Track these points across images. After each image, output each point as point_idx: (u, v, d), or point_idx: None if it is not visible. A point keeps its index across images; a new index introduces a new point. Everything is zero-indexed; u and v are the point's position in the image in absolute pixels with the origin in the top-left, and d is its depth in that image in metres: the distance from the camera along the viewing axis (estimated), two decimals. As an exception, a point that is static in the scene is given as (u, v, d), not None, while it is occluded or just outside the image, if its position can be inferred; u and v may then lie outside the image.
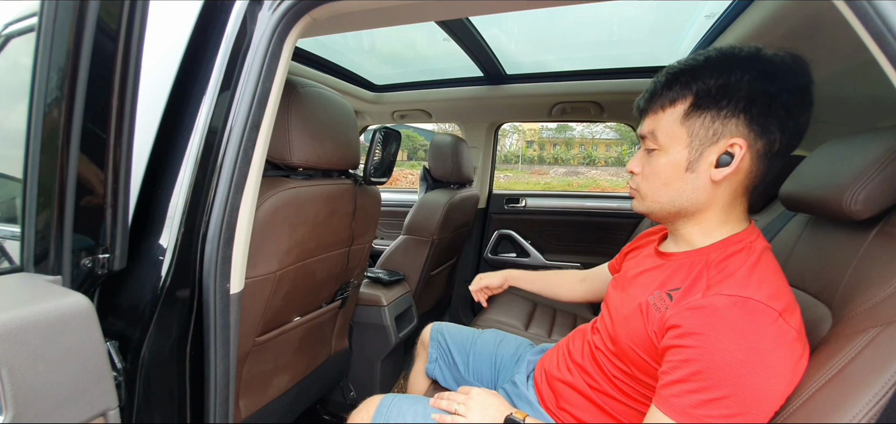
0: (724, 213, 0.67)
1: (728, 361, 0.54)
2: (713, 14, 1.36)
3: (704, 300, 0.59)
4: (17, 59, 1.18)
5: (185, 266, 0.70)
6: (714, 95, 0.62)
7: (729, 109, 0.62)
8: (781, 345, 0.55)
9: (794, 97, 0.61)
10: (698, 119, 0.64)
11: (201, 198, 0.71)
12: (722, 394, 0.54)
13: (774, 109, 0.60)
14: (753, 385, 0.53)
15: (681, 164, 0.66)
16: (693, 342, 0.57)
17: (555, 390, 0.88)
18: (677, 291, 0.65)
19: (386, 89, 2.33)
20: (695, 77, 0.64)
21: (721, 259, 0.64)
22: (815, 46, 0.98)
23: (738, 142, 0.62)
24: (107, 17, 0.52)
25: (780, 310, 0.56)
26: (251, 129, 0.71)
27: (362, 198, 1.27)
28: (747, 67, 0.62)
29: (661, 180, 0.68)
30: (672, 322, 0.61)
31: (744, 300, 0.56)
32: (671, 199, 0.68)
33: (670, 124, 0.66)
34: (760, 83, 0.60)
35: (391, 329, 1.63)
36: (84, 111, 0.52)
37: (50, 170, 0.52)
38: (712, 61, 0.64)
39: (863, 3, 0.48)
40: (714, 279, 0.61)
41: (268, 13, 0.71)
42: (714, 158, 0.63)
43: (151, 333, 0.69)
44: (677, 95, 0.65)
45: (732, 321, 0.55)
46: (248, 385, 1.13)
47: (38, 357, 0.45)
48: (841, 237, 0.73)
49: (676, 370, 0.58)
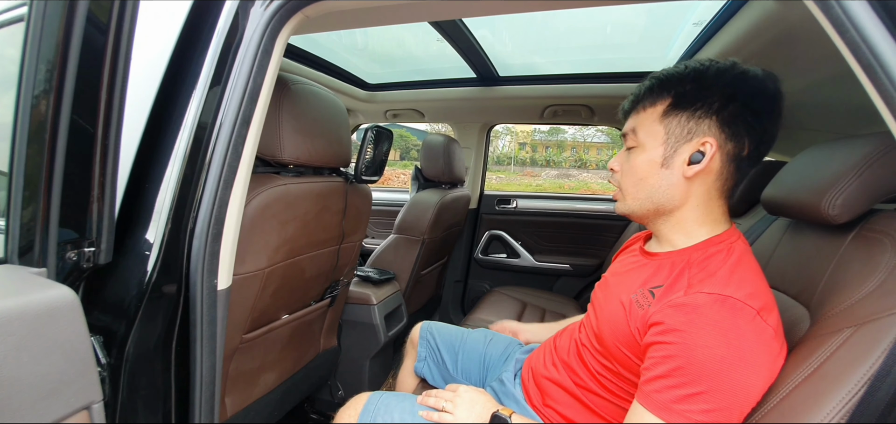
0: (702, 213, 0.70)
1: (708, 357, 0.56)
2: (701, 21, 1.39)
3: (686, 298, 0.61)
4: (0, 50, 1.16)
5: (171, 261, 0.70)
6: (691, 98, 0.68)
7: (703, 109, 0.67)
8: (759, 342, 0.57)
9: (763, 106, 0.66)
10: (675, 118, 0.69)
11: (189, 193, 0.70)
12: (701, 389, 0.56)
13: (744, 115, 0.66)
14: (732, 380, 0.55)
15: (657, 160, 0.71)
16: (674, 338, 0.59)
17: (541, 387, 0.89)
18: (659, 288, 0.67)
19: (379, 88, 2.33)
20: (678, 80, 0.70)
21: (702, 259, 0.67)
22: (798, 55, 1.00)
23: (709, 141, 0.66)
24: (97, 11, 0.51)
25: (758, 308, 0.58)
26: (241, 124, 0.71)
27: (353, 196, 1.27)
28: (722, 74, 0.68)
29: (638, 176, 0.73)
30: (654, 319, 0.63)
31: (723, 297, 0.58)
32: (648, 194, 0.72)
33: (650, 122, 0.72)
34: (733, 90, 0.66)
35: (380, 328, 1.63)
36: (72, 104, 0.51)
37: (36, 162, 0.51)
38: (692, 69, 0.70)
39: (839, 13, 0.49)
40: (695, 277, 0.64)
41: (260, 9, 0.71)
42: (687, 155, 0.68)
43: (136, 328, 0.68)
44: (658, 96, 0.71)
45: (712, 318, 0.57)
46: (235, 382, 1.12)
47: (22, 348, 0.44)
48: (819, 241, 0.75)
49: (658, 366, 0.60)
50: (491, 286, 2.51)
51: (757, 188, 1.09)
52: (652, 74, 0.74)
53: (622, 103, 0.79)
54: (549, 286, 2.48)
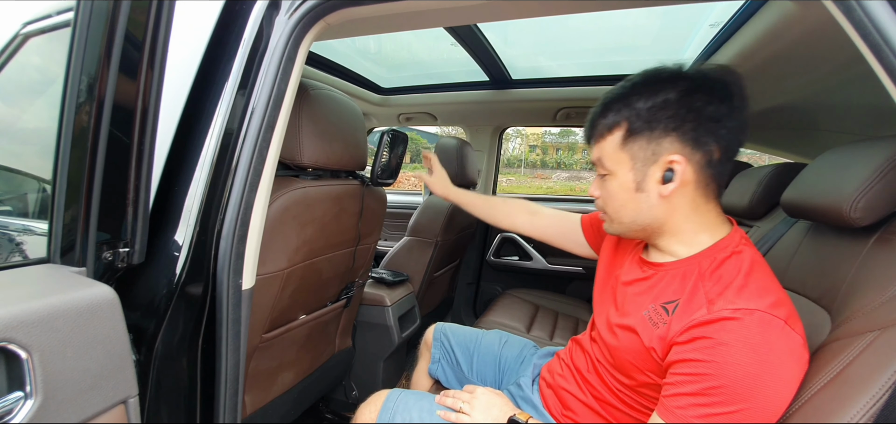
0: (695, 222, 0.68)
1: (741, 374, 0.54)
2: (718, 23, 1.38)
3: (710, 315, 0.59)
4: (27, 59, 1.21)
5: (199, 262, 0.72)
6: (645, 118, 0.65)
7: (661, 129, 0.65)
8: (791, 355, 0.56)
9: (720, 108, 0.63)
10: (636, 143, 0.67)
11: (216, 195, 0.73)
12: (734, 408, 0.55)
13: (703, 122, 0.63)
14: (765, 396, 0.54)
15: (630, 186, 0.69)
16: (703, 356, 0.57)
17: (560, 398, 0.89)
18: (673, 304, 0.65)
19: (392, 92, 2.36)
20: (626, 102, 0.67)
21: (713, 269, 0.64)
22: (818, 56, 0.99)
23: (675, 158, 0.64)
24: (133, 28, 0.54)
25: (785, 318, 0.57)
26: (266, 129, 0.73)
27: (369, 199, 1.29)
28: (672, 85, 0.65)
29: (617, 203, 0.71)
30: (678, 339, 0.61)
31: (750, 311, 0.56)
32: (632, 218, 0.71)
33: (613, 151, 0.69)
34: (686, 99, 0.63)
35: (394, 329, 1.64)
36: (111, 114, 0.54)
37: (78, 168, 0.54)
38: (639, 85, 0.67)
39: (860, 15, 0.49)
40: (712, 291, 0.62)
41: (285, 18, 0.74)
42: (658, 175, 0.66)
43: (165, 326, 0.71)
44: (613, 123, 0.69)
45: (743, 336, 0.55)
46: (254, 380, 1.14)
47: (66, 344, 0.47)
48: (841, 244, 0.74)
49: (686, 384, 0.58)
50: (503, 288, 2.51)
51: (777, 190, 1.08)
52: (602, 95, 0.72)
53: (583, 130, 0.77)
54: (562, 289, 2.47)
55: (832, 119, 1.24)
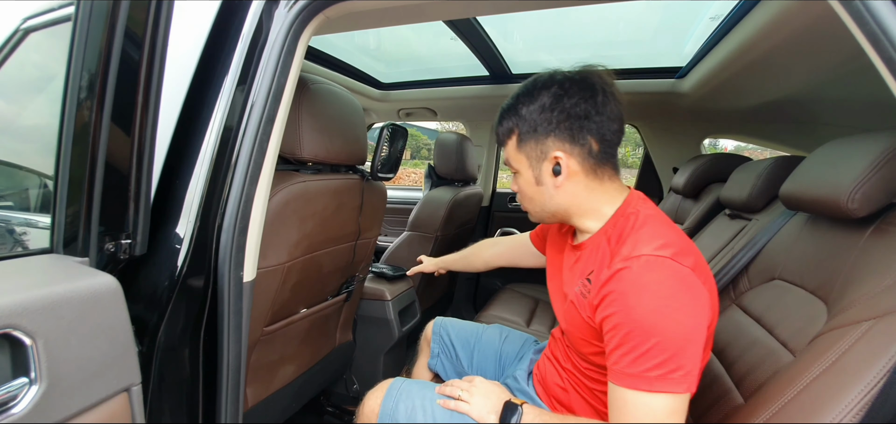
0: (595, 200, 0.76)
1: (642, 313, 0.60)
2: (718, 16, 1.38)
3: (610, 271, 0.66)
4: (27, 55, 1.21)
5: (201, 254, 0.72)
6: (530, 123, 0.75)
7: (542, 131, 0.74)
8: (681, 284, 0.61)
9: (586, 106, 0.71)
10: (527, 145, 0.76)
11: (217, 188, 0.73)
12: (649, 345, 0.59)
13: (574, 120, 0.72)
14: (670, 326, 0.59)
15: (532, 181, 0.78)
16: (612, 309, 0.64)
17: (549, 391, 0.92)
18: (591, 273, 0.73)
19: (392, 87, 2.36)
20: (515, 111, 0.77)
21: (617, 233, 0.72)
22: (819, 49, 1.00)
23: (558, 154, 0.73)
24: (134, 23, 0.55)
25: (671, 256, 0.62)
26: (266, 122, 0.74)
27: (369, 193, 1.30)
28: (546, 91, 0.74)
29: (526, 196, 0.81)
30: (595, 302, 0.68)
31: (638, 257, 0.63)
32: (541, 207, 0.80)
33: (513, 153, 0.79)
34: (558, 103, 0.72)
35: (395, 323, 1.65)
36: (112, 109, 0.55)
37: (80, 162, 0.55)
38: (523, 95, 0.77)
39: (859, 5, 0.49)
40: (614, 251, 0.69)
41: (284, 11, 0.74)
42: (549, 170, 0.75)
43: (168, 318, 0.72)
44: (508, 130, 0.79)
45: (634, 279, 0.62)
46: (255, 373, 1.15)
47: (70, 332, 0.47)
48: (838, 235, 0.74)
49: (611, 341, 0.65)
50: (502, 283, 2.52)
51: (776, 183, 1.08)
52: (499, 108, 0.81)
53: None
54: (562, 284, 2.48)
55: (831, 113, 1.24)
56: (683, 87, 1.83)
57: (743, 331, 0.85)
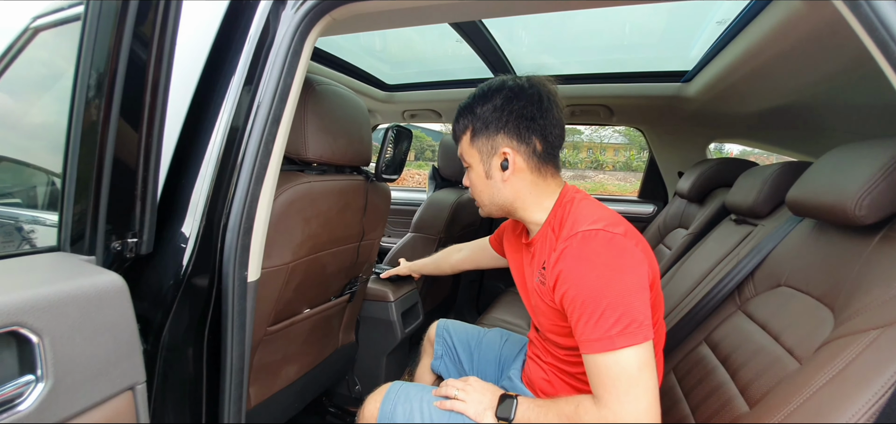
0: (538, 193, 0.84)
1: (589, 283, 0.68)
2: (725, 20, 1.37)
3: (556, 254, 0.74)
4: (35, 54, 1.22)
5: (206, 253, 0.73)
6: (483, 121, 0.83)
7: (493, 128, 0.82)
8: (615, 248, 0.69)
9: (533, 109, 0.80)
10: (479, 141, 0.84)
11: (223, 188, 0.73)
12: (603, 307, 0.66)
13: (522, 121, 0.80)
14: (616, 285, 0.67)
15: (482, 174, 0.86)
16: (565, 285, 0.71)
17: (537, 387, 0.94)
18: (544, 261, 0.80)
19: (397, 89, 2.36)
20: (471, 109, 0.85)
21: (558, 221, 0.80)
22: (826, 53, 0.99)
23: (506, 150, 0.81)
24: (142, 23, 0.55)
25: (602, 227, 0.71)
26: (272, 123, 0.74)
27: (373, 194, 1.30)
28: (498, 94, 0.82)
29: (477, 189, 0.89)
30: (551, 285, 0.76)
31: (574, 236, 0.72)
32: (490, 199, 0.87)
33: (467, 147, 0.87)
34: (507, 105, 0.80)
35: (398, 325, 1.65)
36: (120, 109, 0.55)
37: (88, 161, 0.55)
38: (478, 96, 0.84)
39: (868, 12, 0.49)
40: (557, 235, 0.78)
41: (291, 13, 0.74)
42: (498, 164, 0.83)
43: (172, 316, 0.72)
44: (464, 126, 0.86)
45: (577, 253, 0.71)
46: (258, 373, 1.16)
47: (77, 330, 0.48)
48: (846, 242, 0.74)
49: (572, 316, 0.71)
50: (505, 286, 2.52)
51: (782, 189, 1.08)
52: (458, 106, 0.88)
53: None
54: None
55: (839, 118, 1.23)
56: (689, 91, 1.82)
57: (748, 338, 0.84)
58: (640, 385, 0.65)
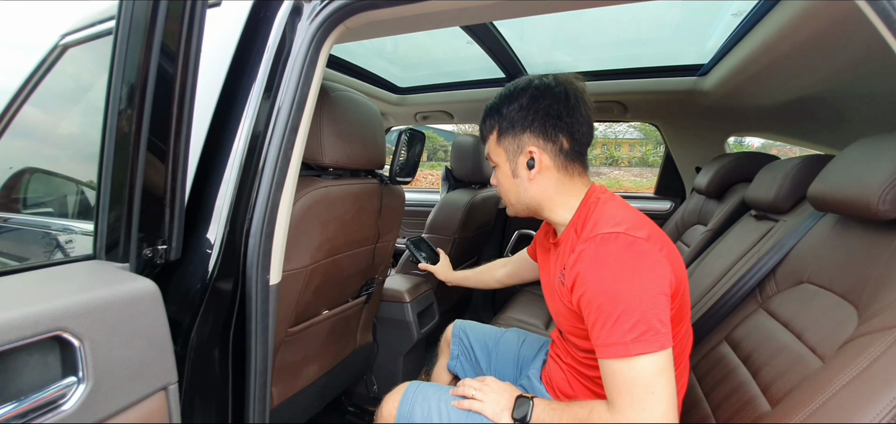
0: (565, 193, 0.83)
1: (605, 287, 0.67)
2: (740, 12, 1.35)
3: (575, 256, 0.73)
4: (64, 68, 1.28)
5: (230, 258, 0.76)
6: (509, 120, 0.83)
7: (520, 127, 0.82)
8: (635, 253, 0.68)
9: (558, 107, 0.79)
10: (505, 140, 0.84)
11: (245, 195, 0.76)
12: (618, 312, 0.65)
13: (549, 119, 0.80)
14: (633, 291, 0.65)
15: (509, 173, 0.86)
16: (582, 288, 0.70)
17: (556, 388, 0.94)
18: (565, 262, 0.79)
19: (409, 91, 2.38)
20: (497, 110, 0.85)
21: (581, 222, 0.79)
22: (844, 45, 0.96)
23: (533, 149, 0.81)
24: (169, 38, 0.58)
25: (624, 230, 0.70)
26: (291, 131, 0.77)
27: (388, 197, 1.32)
28: (524, 93, 0.82)
29: (504, 188, 0.89)
30: (569, 286, 0.75)
31: (593, 238, 0.71)
32: (517, 199, 0.87)
33: (494, 147, 0.87)
34: (534, 104, 0.80)
35: (414, 325, 1.67)
36: (150, 122, 0.58)
37: (121, 171, 0.58)
38: (505, 96, 0.85)
39: (886, 5, 0.48)
40: (579, 236, 0.77)
41: (306, 23, 0.76)
42: (524, 163, 0.83)
43: (200, 319, 0.75)
44: (490, 126, 0.87)
45: (595, 256, 0.69)
46: (280, 374, 1.19)
47: (113, 334, 0.50)
48: (869, 237, 0.72)
49: (588, 318, 0.70)
50: (521, 286, 2.51)
51: (804, 184, 1.05)
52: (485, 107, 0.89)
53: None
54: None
55: (859, 110, 1.20)
56: (706, 85, 1.79)
57: (770, 336, 0.83)
58: (655, 394, 0.63)
